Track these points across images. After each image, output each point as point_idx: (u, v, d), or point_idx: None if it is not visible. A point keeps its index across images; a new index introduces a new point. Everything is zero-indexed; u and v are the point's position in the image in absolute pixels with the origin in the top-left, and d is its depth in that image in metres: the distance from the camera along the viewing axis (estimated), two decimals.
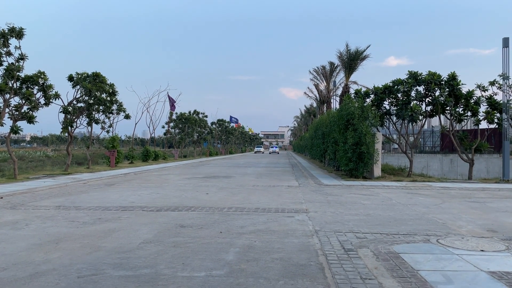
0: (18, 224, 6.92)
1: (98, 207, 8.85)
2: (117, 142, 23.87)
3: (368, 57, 30.98)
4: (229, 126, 66.83)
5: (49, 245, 5.53)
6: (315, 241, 5.78)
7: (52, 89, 16.77)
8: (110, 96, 21.02)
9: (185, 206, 9.07)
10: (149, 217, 7.72)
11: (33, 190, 11.72)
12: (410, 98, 16.91)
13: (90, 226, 6.79)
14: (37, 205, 9.02)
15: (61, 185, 13.19)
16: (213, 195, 11.02)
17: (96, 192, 11.67)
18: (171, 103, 38.70)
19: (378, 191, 12.26)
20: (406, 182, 14.76)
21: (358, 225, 6.95)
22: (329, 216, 7.84)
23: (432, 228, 6.80)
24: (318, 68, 40.98)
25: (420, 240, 5.86)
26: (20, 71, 15.43)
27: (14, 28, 15.08)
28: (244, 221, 7.29)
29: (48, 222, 7.09)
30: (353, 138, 15.42)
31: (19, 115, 15.69)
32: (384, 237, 6.02)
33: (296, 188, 13.15)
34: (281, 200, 10.12)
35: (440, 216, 7.94)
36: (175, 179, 16.10)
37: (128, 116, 23.29)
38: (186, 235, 6.19)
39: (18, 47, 15.37)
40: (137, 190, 12.10)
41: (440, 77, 16.48)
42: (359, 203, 9.71)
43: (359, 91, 18.03)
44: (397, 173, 18.00)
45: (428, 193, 11.93)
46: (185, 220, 7.37)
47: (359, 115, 15.79)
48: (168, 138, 43.98)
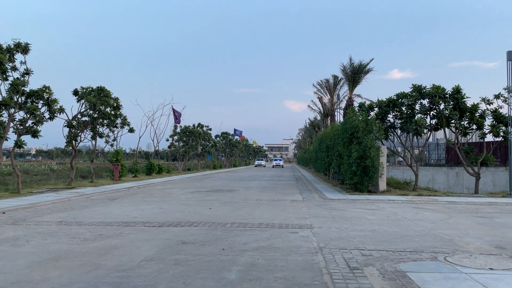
0: (19, 241, 6.85)
1: (100, 222, 8.77)
2: (121, 156, 23.87)
3: (371, 71, 31.02)
4: (233, 139, 66.83)
5: (49, 262, 5.45)
6: (319, 259, 5.66)
7: (57, 103, 16.84)
8: (115, 110, 21.09)
9: (187, 221, 8.96)
10: (151, 233, 7.63)
11: (36, 205, 11.67)
12: (415, 112, 16.82)
13: (91, 243, 6.70)
14: (39, 221, 8.95)
15: (64, 200, 13.13)
16: (216, 210, 10.92)
17: (99, 207, 11.60)
18: (175, 116, 38.80)
19: (384, 205, 12.10)
20: (412, 196, 14.58)
21: (363, 242, 6.82)
22: (334, 232, 7.71)
23: (439, 245, 6.65)
24: (321, 82, 41.09)
25: (427, 257, 5.72)
26: (25, 86, 15.53)
27: (20, 43, 15.23)
28: (247, 238, 7.18)
29: (49, 239, 7.01)
30: (357, 152, 15.31)
31: (23, 129, 15.74)
32: (390, 255, 5.89)
33: (300, 202, 13.01)
34: (285, 215, 9.99)
35: (447, 232, 7.79)
36: (178, 193, 16.01)
37: (132, 130, 23.33)
38: (187, 252, 6.09)
39: (24, 62, 15.51)
40: (140, 205, 12.02)
41: (445, 91, 16.41)
42: (365, 218, 9.57)
43: (363, 104, 17.98)
44: (403, 187, 17.82)
45: (435, 207, 11.76)
46: (187, 236, 7.27)
47: (364, 128, 15.70)
48: (172, 151, 44.01)
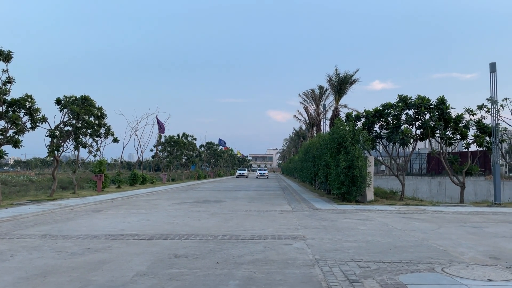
0: (3, 255, 6.54)
1: (87, 235, 8.48)
2: (104, 166, 23.38)
3: (357, 81, 31.48)
4: (218, 149, 66.51)
5: (36, 278, 5.20)
6: (317, 272, 5.55)
7: (39, 112, 16.43)
8: (99, 120, 20.70)
9: (177, 233, 8.76)
10: (141, 246, 7.40)
11: (18, 218, 11.26)
12: (400, 122, 17.01)
13: (79, 257, 6.45)
14: (22, 234, 8.61)
15: (47, 212, 12.72)
16: (205, 222, 10.73)
17: (84, 219, 11.27)
18: (159, 126, 38.41)
19: (373, 215, 12.10)
20: (399, 206, 14.66)
21: (359, 253, 6.75)
22: (328, 244, 7.63)
23: (434, 255, 6.64)
24: (307, 92, 41.43)
25: (424, 269, 5.69)
26: (6, 95, 15.11)
27: (2, 51, 14.85)
28: (240, 250, 7.03)
29: (35, 253, 6.72)
30: (345, 162, 15.35)
31: (4, 139, 15.28)
32: (387, 266, 5.83)
33: (289, 213, 12.92)
34: (276, 226, 9.88)
35: (440, 242, 7.80)
36: (164, 204, 15.72)
37: (116, 140, 22.92)
38: (181, 266, 5.91)
39: (6, 70, 15.11)
40: (127, 217, 11.72)
41: (430, 101, 16.66)
42: (356, 228, 9.53)
43: (350, 114, 18.10)
44: (389, 196, 17.93)
45: (423, 217, 11.82)
46: (179, 249, 7.08)
47: (351, 138, 15.78)
48: (156, 161, 43.46)
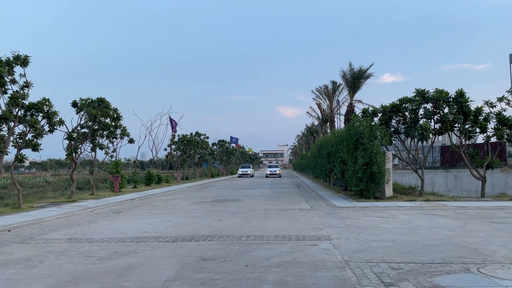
0: (31, 261, 6.58)
1: (111, 238, 8.51)
2: (120, 167, 23.55)
3: (372, 76, 31.09)
4: (229, 146, 66.59)
5: (69, 286, 5.21)
6: (349, 274, 5.47)
7: (57, 115, 16.56)
8: (114, 121, 20.83)
9: (201, 235, 8.74)
10: (167, 249, 7.40)
11: (40, 221, 11.37)
12: (418, 116, 16.76)
13: (107, 262, 6.46)
14: (47, 238, 8.68)
15: (68, 215, 12.83)
16: (226, 222, 10.70)
17: (106, 221, 11.33)
18: (172, 126, 38.56)
19: (395, 212, 11.95)
20: (420, 202, 14.45)
21: (388, 253, 6.64)
22: (354, 244, 7.53)
23: (465, 254, 6.49)
24: (320, 88, 41.12)
25: (459, 270, 5.56)
26: (25, 99, 15.25)
27: (19, 55, 14.98)
28: (267, 252, 6.97)
29: (63, 258, 6.75)
30: (363, 158, 15.18)
31: (23, 143, 15.43)
32: (420, 267, 5.72)
33: (309, 211, 12.83)
34: (298, 226, 9.80)
35: (469, 240, 7.64)
36: (183, 204, 15.75)
37: (132, 141, 23.05)
38: (210, 270, 5.87)
39: (23, 75, 15.23)
40: (147, 218, 11.76)
41: (448, 94, 16.38)
42: (380, 227, 9.40)
43: (367, 110, 17.90)
44: (408, 192, 17.71)
45: (446, 213, 11.63)
46: (205, 252, 7.05)
47: (369, 134, 15.60)
48: (169, 160, 43.67)
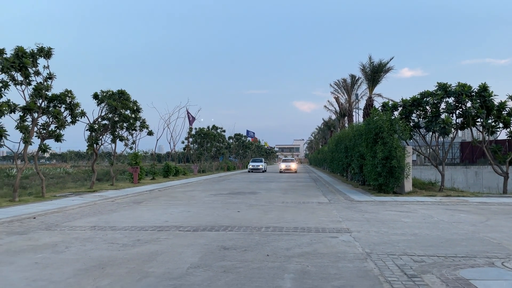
0: (58, 247, 6.77)
1: (134, 227, 8.68)
2: (139, 159, 23.88)
3: (392, 69, 30.62)
4: (246, 140, 66.77)
5: (96, 270, 5.35)
6: (371, 266, 5.47)
7: (79, 107, 16.88)
8: (134, 113, 21.11)
9: (221, 225, 8.84)
10: (188, 238, 7.51)
11: (64, 209, 11.65)
12: (440, 111, 16.49)
13: (131, 249, 6.60)
14: (72, 226, 8.90)
15: (90, 204, 13.11)
16: (245, 213, 10.77)
17: (126, 210, 11.54)
18: (190, 119, 38.85)
19: (415, 207, 11.84)
20: (440, 197, 14.27)
21: (409, 247, 6.61)
22: (375, 237, 7.51)
23: (489, 249, 6.41)
24: (338, 81, 40.76)
25: (483, 263, 5.50)
26: (48, 90, 15.57)
27: (43, 48, 15.27)
28: (287, 243, 7.01)
29: (88, 245, 6.93)
30: (383, 152, 15.05)
31: (46, 133, 15.79)
32: (443, 261, 5.67)
33: (327, 204, 12.81)
34: (317, 219, 9.81)
35: (492, 235, 7.53)
36: (201, 196, 15.91)
37: (151, 133, 23.35)
38: (232, 258, 5.94)
39: (47, 67, 15.55)
40: (167, 208, 11.93)
41: (471, 89, 16.05)
42: (400, 221, 9.33)
43: (387, 104, 17.70)
44: (428, 187, 17.49)
45: (468, 209, 11.46)
46: (226, 242, 7.13)
47: (388, 128, 15.44)
48: (185, 153, 44.07)
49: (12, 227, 8.81)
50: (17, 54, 14.01)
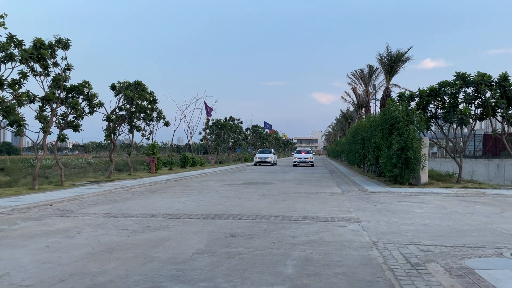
0: (70, 232, 6.96)
1: (145, 214, 8.84)
2: (157, 149, 24.20)
3: (410, 59, 30.00)
4: (263, 132, 66.72)
5: (103, 254, 5.48)
6: (376, 254, 5.43)
7: (96, 98, 17.17)
8: (151, 104, 21.36)
9: (230, 214, 8.91)
10: (197, 225, 7.60)
11: (80, 197, 11.94)
12: (458, 101, 16.10)
13: (140, 235, 6.73)
14: (86, 213, 9.12)
15: (106, 192, 13.39)
16: (256, 203, 10.82)
17: (141, 199, 11.75)
18: (207, 110, 39.03)
19: (429, 198, 11.66)
20: (456, 189, 14.01)
21: (418, 236, 6.53)
22: (384, 226, 7.45)
23: (500, 240, 6.28)
24: (356, 72, 40.19)
25: (491, 254, 5.40)
26: (66, 81, 15.89)
27: (61, 39, 15.56)
28: (294, 231, 7.03)
29: (99, 230, 7.10)
30: (398, 143, 14.84)
31: (65, 123, 16.15)
32: (450, 250, 5.59)
33: (340, 195, 12.74)
34: (328, 208, 9.78)
35: (505, 227, 7.37)
36: (215, 186, 16.04)
37: (167, 123, 23.58)
38: (237, 245, 6.00)
39: (65, 58, 15.84)
40: (180, 197, 12.09)
41: (491, 78, 15.60)
42: (412, 211, 9.22)
43: (403, 94, 17.38)
44: (445, 179, 17.18)
45: (484, 201, 11.23)
46: (234, 229, 7.19)
47: (404, 119, 15.20)
48: (204, 144, 44.39)
49: (29, 213, 9.09)
50: (36, 46, 14.30)
